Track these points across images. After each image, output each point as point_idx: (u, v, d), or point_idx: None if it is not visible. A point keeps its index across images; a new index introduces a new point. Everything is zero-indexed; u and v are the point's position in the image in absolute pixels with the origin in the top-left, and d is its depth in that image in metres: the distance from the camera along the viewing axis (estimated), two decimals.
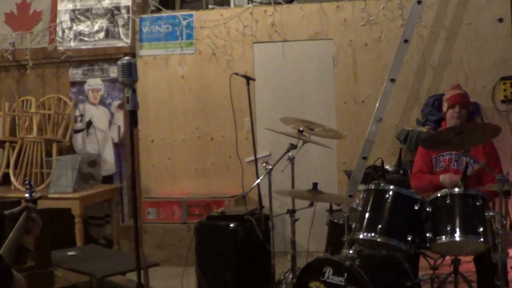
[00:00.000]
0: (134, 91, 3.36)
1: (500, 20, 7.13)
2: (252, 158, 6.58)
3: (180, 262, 6.72)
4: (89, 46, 8.01)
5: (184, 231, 7.20)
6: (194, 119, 7.87)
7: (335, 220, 5.13)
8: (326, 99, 7.56)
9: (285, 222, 7.09)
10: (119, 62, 3.38)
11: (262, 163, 5.34)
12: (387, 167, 7.07)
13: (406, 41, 6.55)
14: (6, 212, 3.19)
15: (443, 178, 5.12)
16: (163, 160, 7.95)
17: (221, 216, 5.95)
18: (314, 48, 7.58)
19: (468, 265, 5.16)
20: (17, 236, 3.08)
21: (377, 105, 6.57)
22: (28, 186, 3.38)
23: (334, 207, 5.50)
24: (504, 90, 7.08)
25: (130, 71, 3.32)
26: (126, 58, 3.35)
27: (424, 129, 6.95)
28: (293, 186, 5.43)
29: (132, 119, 3.37)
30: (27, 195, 3.38)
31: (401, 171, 6.68)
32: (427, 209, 4.33)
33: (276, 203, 5.28)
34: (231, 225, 5.73)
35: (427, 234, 4.28)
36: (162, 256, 7.17)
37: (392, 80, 6.46)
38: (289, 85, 7.64)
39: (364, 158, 6.41)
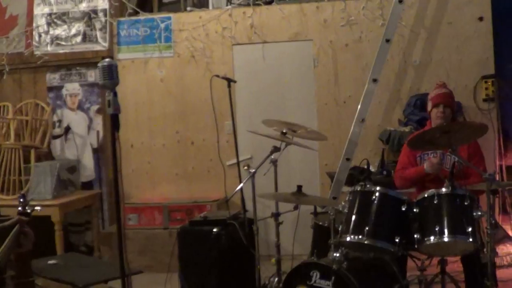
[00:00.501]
0: (115, 94, 3.25)
1: (481, 19, 7.12)
2: (234, 161, 6.52)
3: (162, 268, 6.54)
4: (66, 50, 7.92)
5: (166, 236, 7.11)
6: (174, 123, 7.79)
7: (320, 223, 5.07)
8: (307, 100, 7.51)
9: (268, 225, 7.00)
10: (99, 64, 3.26)
11: (244, 166, 5.28)
12: (370, 168, 7.06)
13: (387, 40, 6.49)
14: None
15: (427, 166, 5.05)
16: (143, 165, 7.87)
17: (203, 221, 5.86)
18: (294, 49, 7.54)
19: (454, 264, 5.14)
20: (8, 250, 2.98)
21: (359, 105, 6.50)
22: (21, 199, 3.25)
23: (319, 209, 5.43)
24: (486, 88, 7.06)
25: (111, 74, 3.21)
26: (107, 60, 3.24)
27: (406, 129, 6.91)
28: (276, 189, 5.35)
29: (114, 123, 3.26)
30: (20, 208, 3.25)
31: (384, 172, 6.62)
32: (414, 210, 4.29)
33: (259, 206, 5.18)
34: (214, 229, 5.64)
35: (415, 235, 4.23)
36: (144, 262, 7.02)
37: (375, 80, 6.40)
38: (270, 87, 7.59)
39: (348, 159, 6.34)
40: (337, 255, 4.38)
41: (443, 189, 4.23)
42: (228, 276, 5.67)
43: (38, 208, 3.34)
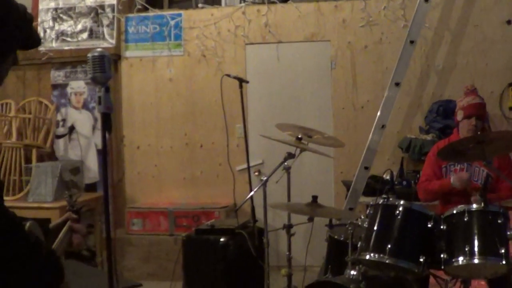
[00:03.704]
0: (107, 90, 2.86)
1: (508, 22, 6.84)
2: (244, 166, 6.36)
3: (166, 276, 6.48)
4: (72, 47, 7.69)
5: (171, 243, 6.89)
6: (183, 124, 7.56)
7: (336, 237, 4.69)
8: (323, 104, 7.25)
9: (278, 234, 6.69)
10: (89, 55, 2.87)
11: (255, 172, 5.04)
12: (387, 177, 6.74)
13: (412, 42, 6.21)
14: (50, 225, 2.82)
15: (453, 180, 4.80)
16: (149, 168, 7.65)
17: (210, 229, 5.64)
18: (310, 50, 7.29)
19: (475, 282, 4.78)
20: (59, 250, 2.68)
21: (379, 111, 6.24)
22: (68, 198, 2.98)
23: (334, 220, 5.08)
24: None
25: (102, 66, 2.82)
26: (98, 50, 2.85)
27: (428, 137, 6.66)
28: (289, 198, 5.05)
29: (105, 123, 2.88)
30: (69, 206, 2.98)
31: (404, 182, 6.30)
32: (441, 227, 3.90)
33: (270, 215, 4.92)
34: (222, 239, 5.43)
35: (442, 255, 3.84)
36: (147, 269, 6.94)
37: (397, 84, 6.13)
38: (284, 89, 7.34)
39: (366, 168, 6.07)
40: (354, 273, 4.04)
41: (474, 205, 3.84)
42: None
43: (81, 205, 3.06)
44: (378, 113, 6.25)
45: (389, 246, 3.84)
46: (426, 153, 6.23)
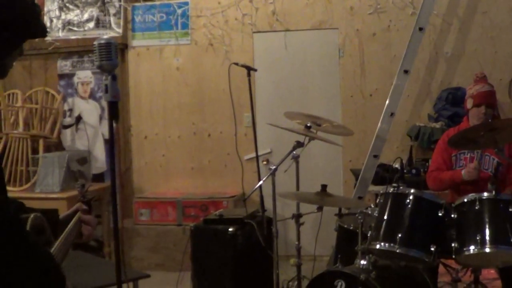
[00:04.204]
0: (114, 78, 2.82)
1: None
2: (251, 155, 6.30)
3: (175, 267, 6.40)
4: (79, 36, 7.62)
5: (179, 233, 6.87)
6: (190, 114, 7.50)
7: (345, 226, 4.65)
8: (331, 92, 7.19)
9: (287, 224, 6.70)
10: (95, 42, 2.83)
11: (263, 161, 4.98)
12: (396, 166, 6.69)
13: (421, 29, 6.13)
14: (60, 217, 2.75)
15: (465, 172, 4.75)
16: (157, 157, 7.59)
17: (219, 219, 5.58)
18: (318, 38, 7.20)
19: (484, 271, 4.72)
20: (67, 241, 2.62)
21: (387, 99, 6.18)
22: (79, 187, 2.92)
23: (344, 210, 5.04)
24: None
25: (109, 53, 2.79)
26: (105, 37, 2.82)
27: (437, 125, 6.60)
28: (297, 187, 4.99)
29: (112, 111, 2.84)
30: (80, 196, 2.91)
31: (414, 171, 6.26)
32: (452, 216, 3.86)
33: (279, 205, 4.83)
34: (230, 229, 5.36)
35: (452, 244, 3.80)
36: (155, 260, 6.93)
37: (406, 72, 6.05)
38: (291, 77, 7.26)
39: (375, 156, 6.00)
40: (364, 262, 4.01)
41: (485, 194, 3.80)
42: (243, 278, 5.41)
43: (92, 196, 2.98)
44: (387, 101, 6.18)
45: (399, 235, 3.82)
46: (435, 141, 6.20)
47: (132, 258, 6.96)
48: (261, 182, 4.63)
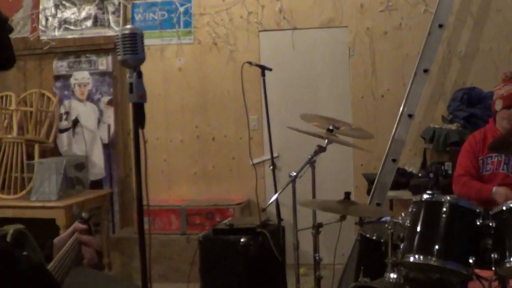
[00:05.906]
0: (140, 75, 2.48)
1: None
2: (258, 160, 6.23)
3: (178, 278, 6.30)
4: (76, 36, 7.48)
5: (183, 243, 6.66)
6: (193, 116, 7.33)
7: (368, 235, 4.36)
8: (341, 93, 7.04)
9: (299, 232, 6.41)
10: (119, 33, 2.48)
11: (270, 166, 4.75)
12: (411, 169, 6.50)
13: (440, 25, 5.98)
14: (55, 240, 2.46)
15: (497, 191, 4.53)
16: (158, 162, 7.36)
17: (229, 229, 5.34)
18: (327, 37, 7.07)
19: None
20: (63, 266, 2.29)
21: (404, 99, 6.01)
22: (74, 209, 2.60)
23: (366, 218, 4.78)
24: None
25: (134, 46, 2.43)
26: (129, 27, 2.47)
27: (453, 126, 6.41)
28: (313, 194, 4.69)
29: (137, 115, 2.49)
30: (75, 213, 2.58)
31: (431, 175, 6.00)
32: (490, 224, 3.57)
33: (290, 212, 4.54)
34: (242, 239, 5.12)
35: (492, 255, 3.52)
36: (158, 271, 6.63)
37: (425, 71, 5.87)
38: (300, 78, 7.11)
39: (394, 160, 5.77)
40: (395, 276, 3.72)
41: None
42: None
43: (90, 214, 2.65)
44: (403, 102, 6.01)
45: (436, 247, 3.52)
46: (452, 143, 6.10)
47: (133, 269, 6.69)
48: (281, 190, 4.31)
